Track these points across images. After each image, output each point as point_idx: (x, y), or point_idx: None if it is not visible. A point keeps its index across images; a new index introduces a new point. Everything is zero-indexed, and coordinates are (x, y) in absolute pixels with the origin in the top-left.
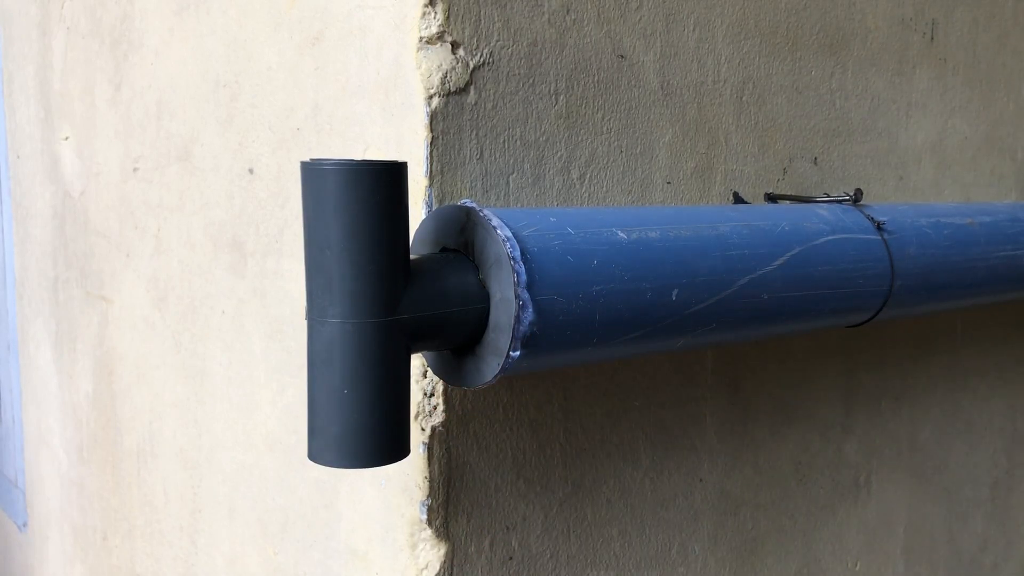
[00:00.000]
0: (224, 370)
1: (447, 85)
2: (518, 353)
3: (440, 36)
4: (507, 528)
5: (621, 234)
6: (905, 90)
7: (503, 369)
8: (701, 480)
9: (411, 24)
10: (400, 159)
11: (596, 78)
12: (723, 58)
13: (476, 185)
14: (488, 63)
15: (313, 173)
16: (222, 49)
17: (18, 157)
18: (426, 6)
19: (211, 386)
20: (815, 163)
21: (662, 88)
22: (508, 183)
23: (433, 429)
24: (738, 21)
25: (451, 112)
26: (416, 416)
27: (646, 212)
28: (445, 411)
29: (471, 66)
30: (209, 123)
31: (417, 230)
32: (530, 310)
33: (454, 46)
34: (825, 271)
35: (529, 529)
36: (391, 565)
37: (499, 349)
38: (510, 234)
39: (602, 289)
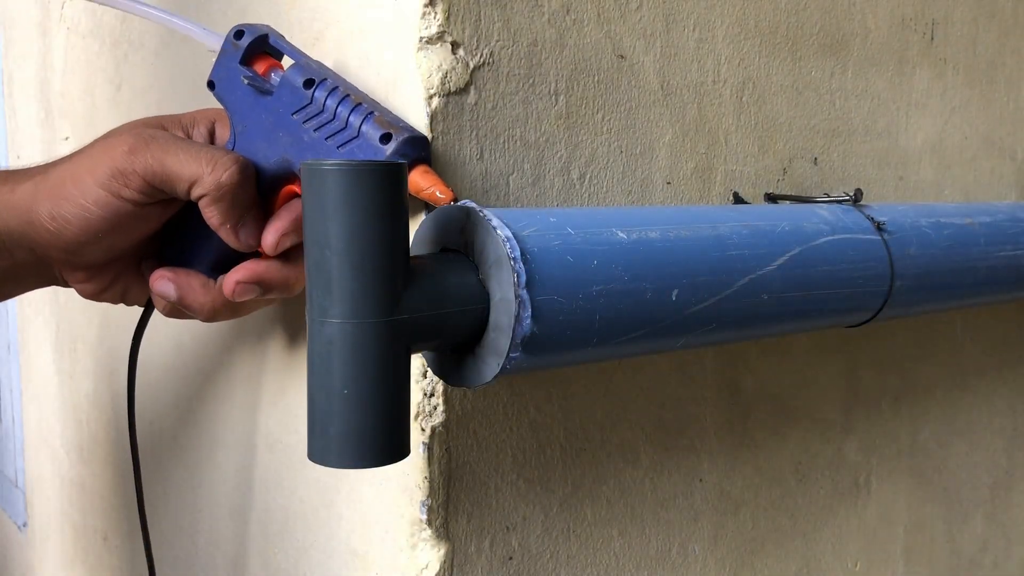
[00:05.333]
0: (224, 370)
1: (447, 85)
2: (518, 353)
3: (440, 36)
4: (507, 528)
5: (621, 234)
6: (905, 90)
7: (503, 369)
8: (701, 480)
9: (411, 24)
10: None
11: (596, 78)
12: (723, 58)
13: (476, 185)
14: (488, 63)
15: (313, 173)
16: None
17: (18, 157)
18: (426, 6)
19: (211, 386)
20: (815, 163)
21: (662, 88)
22: (508, 183)
23: (433, 429)
24: (738, 21)
25: (451, 112)
26: (416, 416)
27: (646, 212)
28: (445, 411)
29: (471, 66)
30: None
31: (417, 230)
32: (530, 310)
33: (454, 46)
34: (825, 271)
35: (529, 529)
36: (391, 565)
37: (499, 349)
38: (510, 234)
39: (602, 289)
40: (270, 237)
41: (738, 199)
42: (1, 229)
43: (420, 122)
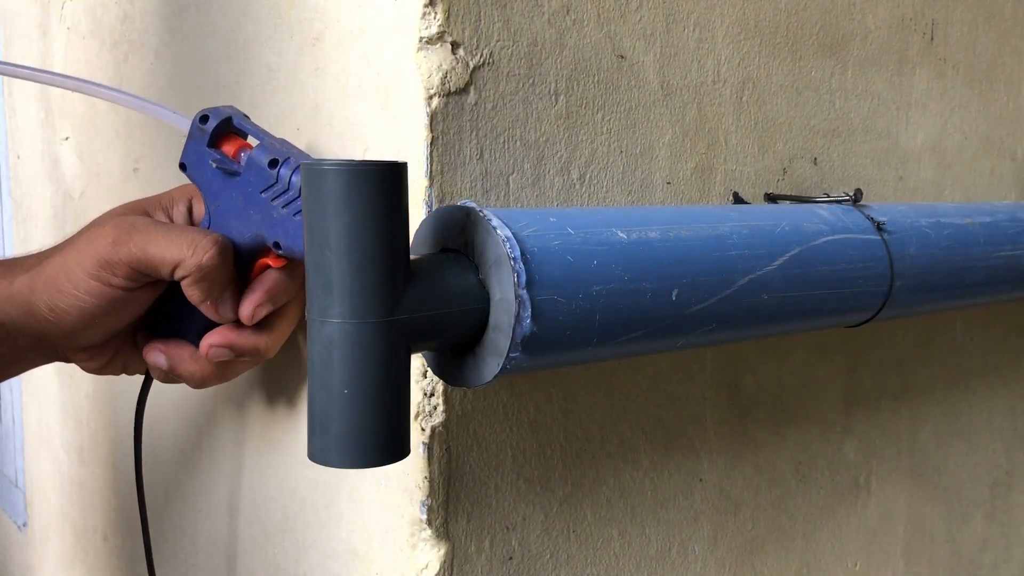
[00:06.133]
0: None
1: (447, 85)
2: (518, 353)
3: (440, 36)
4: (507, 528)
5: (621, 234)
6: (905, 90)
7: (503, 369)
8: (701, 480)
9: (411, 24)
10: (400, 159)
11: (596, 78)
12: (723, 58)
13: (476, 185)
14: (488, 63)
15: (313, 173)
16: (222, 49)
17: (18, 158)
18: (426, 6)
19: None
20: (815, 163)
21: (662, 88)
22: (508, 183)
23: (433, 429)
24: (738, 21)
25: (451, 112)
26: (416, 416)
27: (646, 212)
28: (445, 411)
29: (471, 66)
30: None
31: (417, 230)
32: (530, 310)
33: (454, 46)
34: (825, 271)
35: (529, 529)
36: (391, 565)
37: (499, 349)
38: (510, 234)
39: (602, 289)
40: (246, 309)
41: (738, 199)
42: (4, 320)
43: (420, 122)
